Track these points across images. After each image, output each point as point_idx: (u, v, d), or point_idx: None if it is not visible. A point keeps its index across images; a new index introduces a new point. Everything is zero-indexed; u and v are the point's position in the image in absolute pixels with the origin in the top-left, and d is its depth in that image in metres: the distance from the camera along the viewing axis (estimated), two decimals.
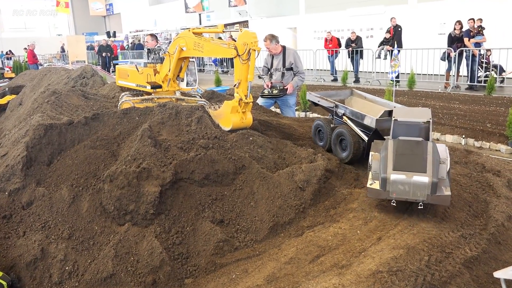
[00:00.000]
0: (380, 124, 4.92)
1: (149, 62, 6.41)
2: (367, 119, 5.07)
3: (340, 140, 5.40)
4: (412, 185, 3.83)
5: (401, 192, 3.88)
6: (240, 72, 5.00)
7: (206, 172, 4.18)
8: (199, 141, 4.52)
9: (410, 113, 4.51)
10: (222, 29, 5.45)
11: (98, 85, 10.82)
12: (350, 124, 5.40)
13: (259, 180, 4.22)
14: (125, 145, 4.70)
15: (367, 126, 5.13)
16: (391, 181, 3.84)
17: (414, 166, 3.93)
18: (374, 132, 5.06)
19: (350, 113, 5.43)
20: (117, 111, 5.16)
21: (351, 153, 5.24)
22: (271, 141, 5.11)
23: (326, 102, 5.89)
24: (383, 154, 4.06)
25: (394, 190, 3.86)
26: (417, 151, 4.06)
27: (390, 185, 3.84)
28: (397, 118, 4.32)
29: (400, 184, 3.84)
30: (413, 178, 3.81)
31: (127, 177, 3.91)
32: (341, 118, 5.62)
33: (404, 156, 4.01)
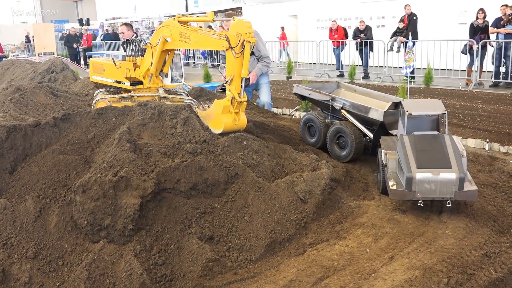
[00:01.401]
0: (388, 118, 5.11)
1: (128, 55, 6.41)
2: (373, 112, 5.23)
3: (338, 138, 5.53)
4: (439, 183, 4.08)
5: (427, 191, 4.11)
6: (232, 67, 5.02)
7: (193, 182, 4.19)
8: (185, 145, 4.53)
9: (423, 106, 4.73)
10: (212, 18, 5.46)
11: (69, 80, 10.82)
12: (351, 119, 5.55)
13: (254, 191, 4.23)
14: (100, 150, 4.69)
15: (371, 120, 5.29)
16: (417, 181, 4.07)
17: (438, 163, 4.17)
18: (380, 126, 5.24)
19: (350, 106, 5.56)
20: (91, 111, 5.15)
21: (352, 151, 5.37)
22: (268, 146, 5.12)
23: (319, 95, 6.03)
24: (402, 152, 4.30)
25: (420, 189, 4.10)
26: (436, 146, 4.34)
27: (416, 185, 4.07)
28: (411, 112, 4.55)
29: (426, 183, 4.08)
30: (440, 175, 4.09)
31: (103, 187, 3.90)
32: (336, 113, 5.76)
33: (425, 152, 4.28)
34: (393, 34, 15.36)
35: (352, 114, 5.57)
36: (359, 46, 16.04)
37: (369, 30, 16.04)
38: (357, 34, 16.15)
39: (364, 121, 5.49)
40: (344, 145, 5.53)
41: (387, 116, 5.17)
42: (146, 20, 34.50)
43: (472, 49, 13.16)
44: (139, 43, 6.42)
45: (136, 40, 6.53)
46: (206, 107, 6.40)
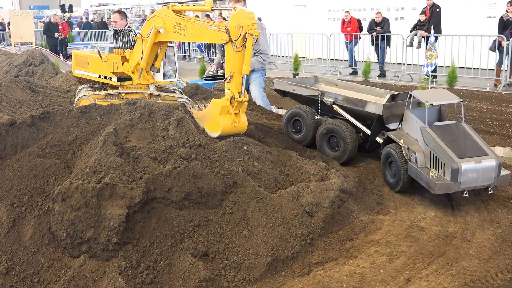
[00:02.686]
0: (386, 111, 5.39)
1: (116, 47, 6.44)
2: (370, 105, 5.48)
3: (329, 137, 5.74)
4: (480, 171, 4.58)
5: (470, 180, 4.58)
6: (232, 63, 5.04)
7: (186, 191, 4.20)
8: (178, 150, 4.54)
9: (436, 96, 5.21)
10: (210, 7, 5.48)
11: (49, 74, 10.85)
12: (344, 115, 5.73)
13: (255, 202, 4.23)
14: (82, 153, 4.70)
15: (368, 114, 5.54)
16: (463, 171, 4.51)
17: (474, 151, 4.71)
18: (377, 121, 5.48)
19: (344, 100, 5.74)
20: (73, 109, 5.16)
21: (348, 151, 5.60)
22: (271, 152, 5.12)
23: (306, 90, 6.18)
24: (434, 144, 4.71)
25: (464, 180, 4.54)
26: (462, 134, 4.88)
27: (462, 175, 4.51)
28: (432, 102, 4.98)
29: (470, 172, 4.55)
30: (481, 163, 4.60)
31: (85, 195, 3.91)
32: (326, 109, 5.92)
33: (457, 142, 4.76)
34: (413, 27, 15.39)
35: (345, 109, 5.75)
36: (375, 40, 16.07)
37: (386, 23, 16.07)
38: (373, 27, 16.18)
39: (358, 116, 5.70)
40: (337, 145, 5.71)
41: (386, 109, 5.41)
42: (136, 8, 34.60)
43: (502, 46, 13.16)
44: (129, 34, 6.44)
45: (125, 30, 6.55)
46: (202, 107, 6.42)
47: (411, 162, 4.85)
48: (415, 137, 5.03)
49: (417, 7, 17.27)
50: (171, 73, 6.82)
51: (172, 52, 6.92)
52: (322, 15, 21.90)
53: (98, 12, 37.50)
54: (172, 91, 6.96)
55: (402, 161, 4.93)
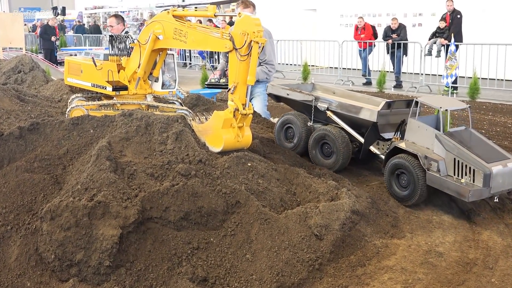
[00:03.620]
0: (381, 118, 5.57)
1: (112, 54, 6.48)
2: (365, 112, 5.66)
3: (322, 144, 5.95)
4: (506, 175, 4.85)
5: (498, 185, 4.83)
6: (237, 72, 5.06)
7: (185, 210, 4.20)
8: (177, 166, 4.55)
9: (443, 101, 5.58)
10: (213, 12, 5.52)
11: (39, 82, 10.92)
12: (338, 121, 5.92)
13: (259, 223, 4.23)
14: (73, 168, 4.71)
15: (362, 121, 5.72)
16: (494, 175, 4.74)
17: (495, 155, 4.99)
18: (372, 128, 5.66)
19: (338, 106, 5.95)
20: (64, 121, 5.19)
21: (340, 159, 5.78)
22: (277, 169, 5.13)
23: (300, 95, 6.36)
24: (456, 151, 4.90)
25: (494, 185, 4.77)
26: (477, 140, 5.18)
27: (493, 180, 4.73)
28: (446, 107, 5.24)
29: (499, 177, 4.79)
30: (507, 167, 4.88)
31: (75, 213, 3.92)
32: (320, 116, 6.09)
33: (476, 147, 5.00)
34: (432, 35, 15.44)
35: (339, 115, 5.95)
36: (391, 48, 16.12)
37: (403, 30, 16.13)
38: (389, 34, 16.24)
39: (352, 124, 5.88)
40: (330, 153, 5.91)
41: (381, 117, 5.57)
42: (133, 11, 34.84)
43: None
44: (125, 40, 6.49)
45: (122, 36, 6.60)
46: (204, 119, 6.43)
47: (431, 171, 4.96)
48: (426, 146, 5.16)
49: (436, 13, 17.32)
50: (170, 82, 6.85)
51: (171, 60, 6.96)
52: (334, 21, 21.99)
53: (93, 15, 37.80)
54: (171, 102, 6.98)
55: (419, 171, 5.03)
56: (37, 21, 38.56)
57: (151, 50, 6.07)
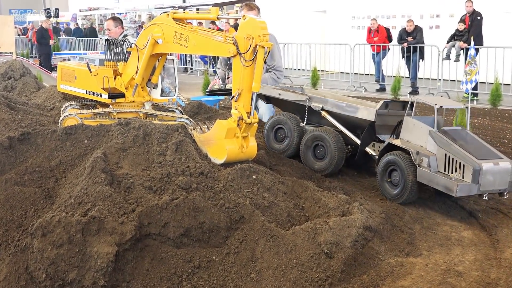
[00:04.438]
0: (380, 118, 5.78)
1: (108, 59, 6.51)
2: (362, 111, 5.92)
3: (315, 146, 6.14)
4: (498, 174, 5.08)
5: (488, 183, 5.06)
6: (241, 79, 5.08)
7: (186, 226, 4.20)
8: (177, 178, 4.56)
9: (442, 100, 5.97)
10: (216, 15, 5.56)
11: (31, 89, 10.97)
12: (334, 123, 6.17)
13: (265, 240, 4.23)
14: (66, 181, 4.73)
15: (359, 121, 5.97)
16: (484, 171, 4.97)
17: (488, 154, 5.25)
18: (369, 128, 5.89)
19: (333, 106, 6.19)
20: (57, 130, 5.21)
21: (334, 162, 5.98)
22: (284, 182, 5.13)
23: (293, 95, 6.60)
24: (449, 147, 5.16)
25: (483, 182, 5.00)
26: (471, 139, 5.45)
27: (482, 177, 4.97)
28: (441, 105, 5.50)
29: (489, 174, 5.03)
30: (499, 165, 5.10)
31: (68, 230, 3.93)
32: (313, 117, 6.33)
33: (469, 145, 5.26)
34: (451, 38, 15.44)
35: (335, 115, 6.19)
36: (406, 52, 16.12)
37: (419, 32, 16.13)
38: (404, 37, 16.25)
39: (347, 125, 6.11)
40: (323, 155, 6.10)
41: (379, 116, 5.79)
42: (131, 13, 35.01)
43: None
44: (122, 44, 6.51)
45: (118, 40, 6.63)
46: (206, 128, 6.45)
47: (422, 167, 5.22)
48: (420, 144, 5.44)
49: (455, 14, 17.33)
50: (170, 88, 6.87)
51: (171, 65, 6.97)
52: (345, 23, 22.02)
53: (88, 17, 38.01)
54: (171, 110, 7.00)
55: (410, 167, 5.29)
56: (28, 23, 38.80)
57: (150, 55, 6.09)
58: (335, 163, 6.00)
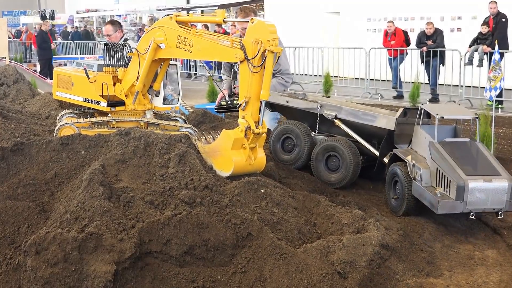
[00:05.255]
0: (399, 127, 5.83)
1: (107, 65, 6.54)
2: (381, 119, 5.97)
3: (327, 157, 6.16)
4: (490, 192, 5.02)
5: (478, 201, 5.01)
6: (248, 86, 5.09)
7: (189, 243, 4.20)
8: (180, 192, 4.57)
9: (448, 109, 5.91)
10: (222, 18, 5.57)
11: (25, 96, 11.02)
12: (349, 132, 6.20)
13: (274, 259, 4.22)
14: (62, 195, 4.74)
15: (375, 131, 6.02)
16: (470, 189, 4.95)
17: (485, 170, 5.18)
18: (387, 138, 5.93)
19: (348, 114, 6.24)
20: (52, 140, 5.23)
21: (349, 174, 6.02)
22: (294, 196, 5.13)
23: (302, 102, 6.62)
24: (441, 160, 5.18)
25: (471, 200, 4.98)
26: (474, 153, 5.42)
27: (468, 194, 4.94)
28: (442, 115, 5.45)
29: (478, 192, 4.98)
30: (492, 183, 5.03)
31: (64, 247, 3.93)
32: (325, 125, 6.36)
33: (467, 159, 5.29)
34: (474, 41, 15.41)
35: (349, 124, 6.20)
36: (426, 57, 16.10)
37: (440, 35, 16.11)
38: (423, 41, 16.23)
39: (363, 134, 6.17)
40: (337, 167, 6.12)
41: (399, 125, 5.84)
42: (131, 15, 35.12)
43: None
44: (122, 49, 6.54)
45: (118, 44, 6.66)
46: (211, 139, 6.45)
47: (416, 181, 5.30)
48: (424, 155, 5.50)
49: (478, 16, 17.30)
50: (173, 96, 6.89)
51: (174, 70, 6.98)
52: (360, 25, 22.02)
53: (85, 20, 38.19)
54: (173, 119, 7.01)
55: (407, 180, 5.40)
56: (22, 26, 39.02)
57: (152, 60, 6.11)
58: (350, 175, 6.03)
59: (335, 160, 6.13)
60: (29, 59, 30.17)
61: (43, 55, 22.32)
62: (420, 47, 16.16)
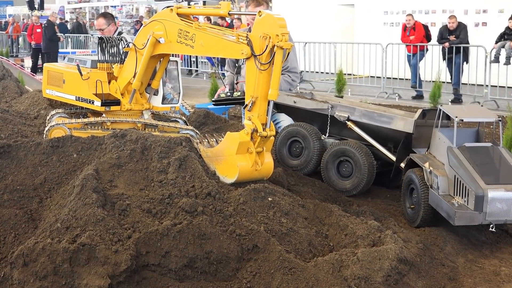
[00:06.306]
0: (418, 130, 5.84)
1: (101, 61, 6.54)
2: (398, 121, 5.97)
3: (339, 162, 6.17)
4: None
5: (498, 212, 4.98)
6: (255, 84, 5.08)
7: (190, 256, 4.20)
8: (180, 200, 4.57)
9: (469, 112, 5.93)
10: (227, 10, 5.57)
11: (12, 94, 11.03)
12: (363, 135, 6.22)
13: (282, 273, 4.22)
14: (52, 202, 4.75)
15: (391, 134, 6.03)
16: (489, 199, 4.91)
17: (507, 178, 5.13)
18: (404, 142, 5.94)
19: (362, 115, 6.24)
20: (41, 143, 5.24)
21: (364, 180, 6.01)
22: (304, 205, 5.12)
23: (312, 102, 6.64)
24: (460, 167, 5.15)
25: (491, 210, 4.95)
26: (496, 159, 5.39)
27: (488, 205, 4.90)
28: (462, 117, 5.46)
29: (499, 202, 4.95)
30: None
31: (54, 259, 3.94)
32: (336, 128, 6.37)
33: (488, 166, 5.26)
34: (500, 37, 15.40)
35: (363, 127, 6.21)
36: (448, 53, 16.09)
37: (463, 30, 16.10)
38: (445, 36, 16.23)
39: (378, 137, 6.17)
40: (350, 173, 6.12)
41: (417, 127, 5.84)
42: (127, 6, 35.20)
43: None
44: (118, 44, 6.55)
45: (113, 38, 6.66)
46: (214, 142, 6.45)
47: (433, 189, 5.29)
48: (442, 161, 5.49)
49: (505, 10, 17.29)
50: (173, 95, 6.88)
51: (174, 67, 6.98)
52: (376, 19, 22.03)
53: (78, 11, 38.27)
54: (173, 120, 7.01)
55: (423, 188, 5.39)
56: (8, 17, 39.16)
57: (150, 56, 6.10)
58: (364, 182, 6.02)
59: (347, 166, 6.13)
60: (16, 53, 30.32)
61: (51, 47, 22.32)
62: (442, 43, 16.16)
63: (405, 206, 5.76)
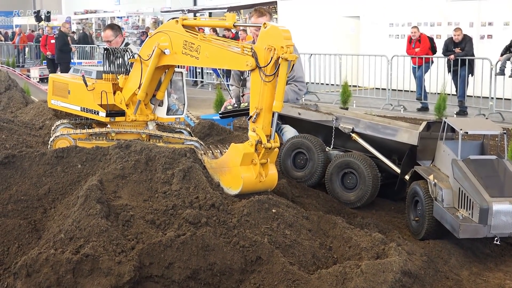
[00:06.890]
0: (422, 142, 5.86)
1: (106, 72, 6.56)
2: (402, 134, 6.01)
3: (343, 174, 6.18)
4: None
5: (503, 225, 4.98)
6: (260, 96, 5.09)
7: (193, 267, 4.20)
8: (184, 211, 4.57)
9: (474, 124, 5.96)
10: (232, 22, 5.59)
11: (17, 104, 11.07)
12: (367, 147, 6.25)
13: (286, 286, 4.21)
14: (56, 212, 4.75)
15: (396, 147, 6.07)
16: (494, 212, 4.93)
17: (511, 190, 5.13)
18: (409, 154, 5.98)
19: (366, 127, 6.27)
20: (46, 153, 5.24)
21: (368, 192, 6.02)
22: (308, 217, 5.12)
23: (317, 114, 6.66)
24: (464, 180, 5.16)
25: (496, 223, 4.97)
26: (501, 172, 5.40)
27: (493, 217, 4.92)
28: (466, 130, 5.45)
29: (503, 215, 4.96)
30: None
31: (57, 269, 3.94)
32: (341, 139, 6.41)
33: (492, 179, 5.30)
34: (506, 49, 15.38)
35: (368, 139, 6.24)
36: (453, 66, 16.07)
37: (469, 43, 16.08)
38: (450, 48, 16.22)
39: (382, 149, 6.20)
40: (354, 185, 6.14)
41: (422, 140, 5.86)
42: (133, 17, 35.31)
43: None
44: (123, 54, 6.56)
45: (118, 49, 6.68)
46: (218, 153, 6.46)
47: (437, 201, 5.31)
48: (446, 173, 5.52)
49: (510, 22, 17.28)
50: (177, 106, 6.90)
51: (179, 78, 6.99)
52: (382, 31, 22.03)
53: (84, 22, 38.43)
54: (178, 131, 7.02)
55: (428, 200, 5.42)
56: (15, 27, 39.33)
57: (155, 67, 6.12)
58: (369, 194, 6.03)
59: (351, 177, 6.13)
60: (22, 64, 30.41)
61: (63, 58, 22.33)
62: (447, 55, 16.14)
63: (410, 219, 5.77)
